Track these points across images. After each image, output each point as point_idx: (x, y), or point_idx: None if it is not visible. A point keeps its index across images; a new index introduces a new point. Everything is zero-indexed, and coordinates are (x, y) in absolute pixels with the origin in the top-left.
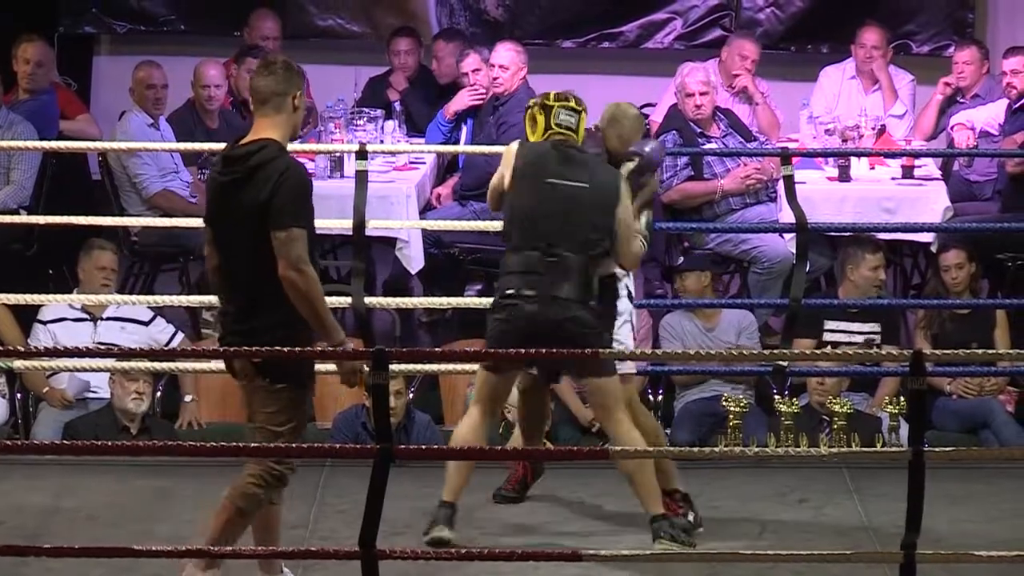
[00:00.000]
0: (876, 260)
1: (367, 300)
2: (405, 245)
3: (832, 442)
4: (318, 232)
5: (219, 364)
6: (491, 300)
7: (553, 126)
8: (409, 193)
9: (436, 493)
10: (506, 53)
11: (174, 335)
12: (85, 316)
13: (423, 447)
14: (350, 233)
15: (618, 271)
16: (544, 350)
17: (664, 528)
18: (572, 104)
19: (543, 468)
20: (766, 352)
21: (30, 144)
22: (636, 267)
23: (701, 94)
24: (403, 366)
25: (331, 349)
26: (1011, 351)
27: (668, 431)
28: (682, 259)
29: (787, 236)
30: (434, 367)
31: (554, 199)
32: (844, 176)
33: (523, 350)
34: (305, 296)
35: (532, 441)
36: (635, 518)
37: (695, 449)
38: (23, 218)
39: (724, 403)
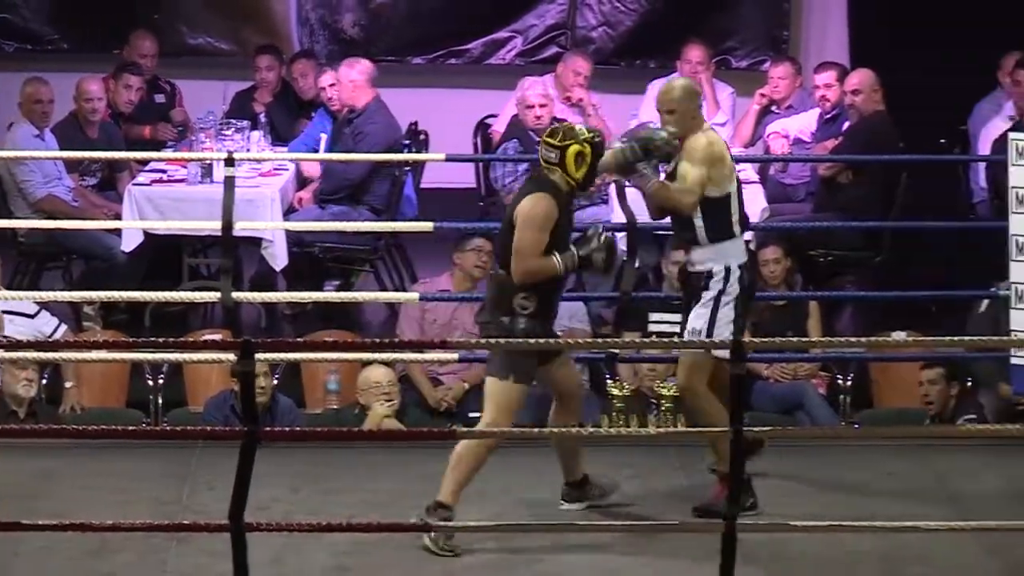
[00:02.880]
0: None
1: (235, 295)
2: (270, 244)
3: (660, 423)
4: (189, 233)
5: (100, 354)
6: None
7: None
8: (273, 197)
9: (299, 471)
10: (355, 70)
11: (57, 327)
12: None
13: (286, 429)
14: (219, 234)
15: (713, 267)
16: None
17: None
18: (550, 140)
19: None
20: (599, 340)
21: None
22: (516, 279)
23: (540, 106)
24: (268, 355)
25: (201, 340)
26: (822, 339)
27: None
28: None
29: (618, 235)
30: (297, 356)
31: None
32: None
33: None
34: None
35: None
36: (480, 493)
37: (535, 430)
38: None
39: None
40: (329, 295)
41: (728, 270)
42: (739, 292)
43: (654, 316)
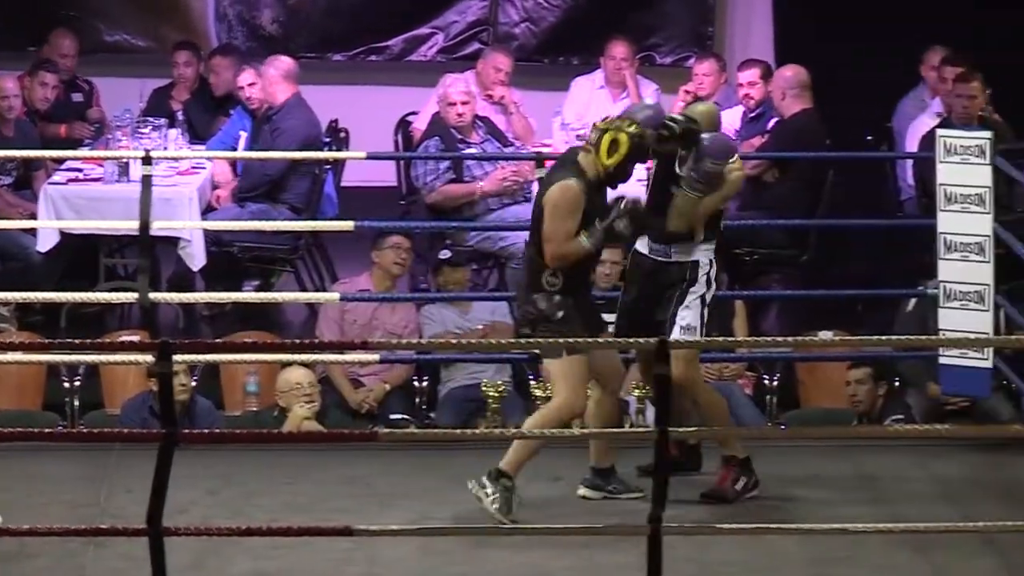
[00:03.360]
0: (614, 256)
1: (152, 296)
2: (188, 244)
3: (583, 424)
4: (106, 233)
5: (15, 355)
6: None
7: None
8: (191, 196)
9: (218, 474)
10: (274, 67)
11: None
12: None
13: (205, 431)
14: (136, 233)
15: (701, 259)
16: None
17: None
18: (599, 124)
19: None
20: (522, 340)
21: None
22: (552, 265)
23: (462, 103)
24: (186, 356)
25: (119, 341)
26: (748, 339)
27: (432, 415)
28: (444, 255)
29: None
30: (215, 357)
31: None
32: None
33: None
34: None
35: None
36: (402, 495)
37: (458, 431)
38: None
39: (484, 388)
40: (248, 295)
41: (711, 263)
42: (715, 288)
43: None
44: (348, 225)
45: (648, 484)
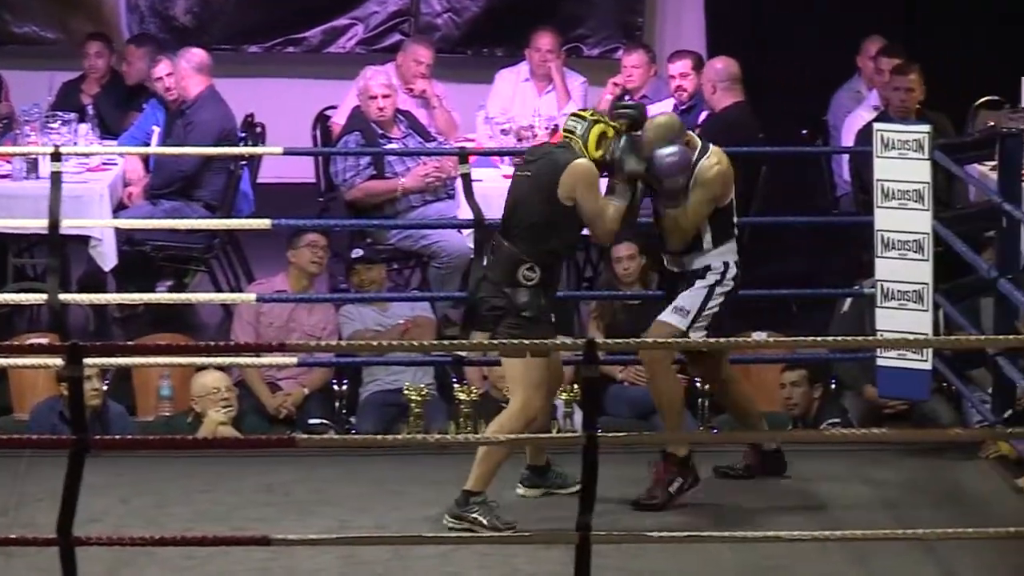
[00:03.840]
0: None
1: (62, 297)
2: (99, 243)
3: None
4: (14, 232)
5: None
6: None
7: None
8: (102, 193)
9: (131, 481)
10: (188, 59)
11: None
12: None
13: (117, 437)
14: (46, 232)
15: (712, 263)
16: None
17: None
18: (582, 113)
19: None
20: (445, 342)
21: None
22: (609, 241)
23: (383, 96)
24: (98, 360)
25: (27, 344)
26: (679, 340)
27: (352, 420)
28: (355, 254)
29: (465, 232)
30: (128, 360)
31: (510, 191)
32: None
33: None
34: None
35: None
36: (322, 503)
37: (379, 437)
38: None
39: (406, 392)
40: (161, 296)
41: (726, 265)
42: (732, 290)
43: None
44: (265, 223)
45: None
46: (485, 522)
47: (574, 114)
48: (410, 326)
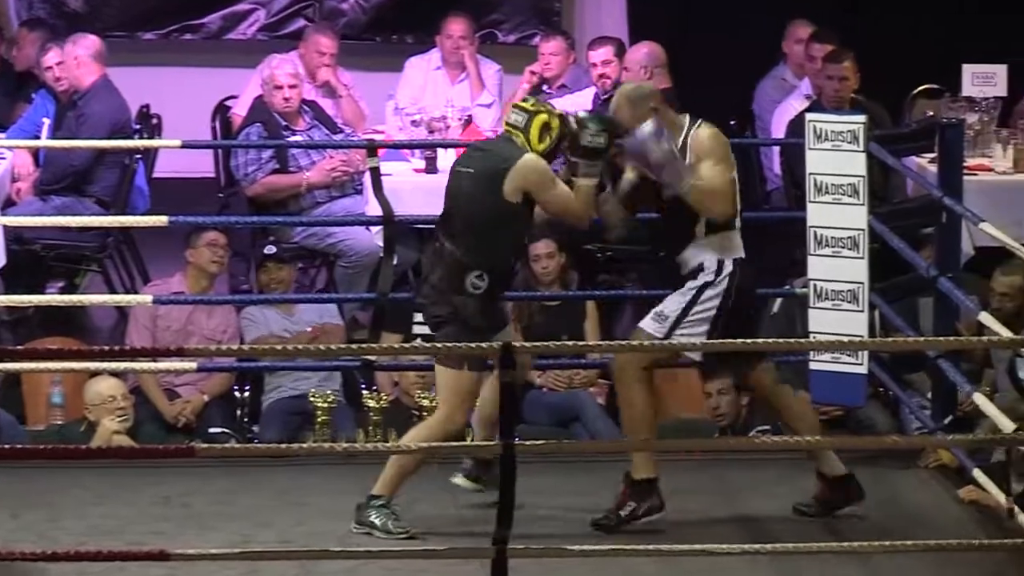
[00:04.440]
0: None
1: None
2: None
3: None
4: None
5: None
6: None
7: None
8: None
9: (20, 493)
10: (80, 46)
11: None
12: None
13: (6, 447)
14: None
15: (705, 260)
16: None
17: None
18: (523, 104)
19: None
20: (354, 346)
21: None
22: (583, 221)
23: (290, 87)
24: None
25: None
26: (600, 343)
27: (255, 428)
28: (268, 251)
29: (374, 229)
30: (16, 366)
31: (449, 188)
32: (431, 168)
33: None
34: None
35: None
36: (223, 516)
37: (283, 446)
38: None
39: (312, 399)
40: (52, 298)
41: (721, 263)
42: (727, 288)
43: (418, 318)
44: (162, 220)
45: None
46: (378, 524)
47: (515, 105)
48: (318, 334)
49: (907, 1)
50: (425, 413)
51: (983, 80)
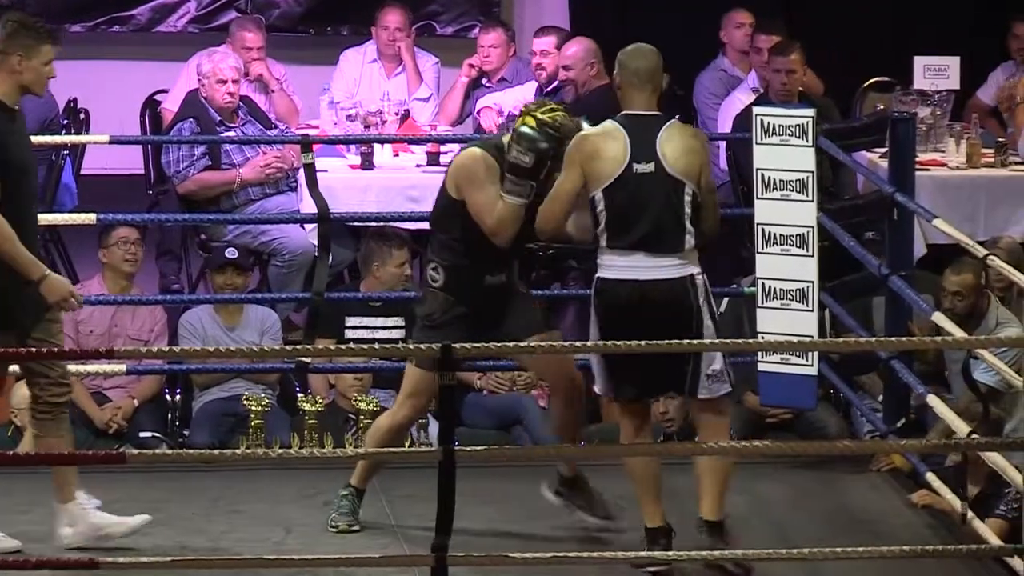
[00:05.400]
0: (403, 256)
1: None
2: None
3: (358, 441)
4: None
5: None
6: None
7: None
8: None
9: None
10: None
11: None
12: None
13: None
14: None
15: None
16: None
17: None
18: (528, 104)
19: None
20: (289, 348)
21: None
22: (504, 243)
23: (234, 81)
24: None
25: None
26: (543, 344)
27: (186, 433)
28: (230, 254)
29: (309, 227)
30: None
31: None
32: (367, 164)
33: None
34: None
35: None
36: (155, 524)
37: (216, 452)
38: None
39: (245, 402)
40: None
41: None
42: (595, 306)
43: (351, 320)
44: (90, 218)
45: None
46: (334, 513)
47: (525, 104)
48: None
49: None
50: (362, 416)
51: (935, 73)
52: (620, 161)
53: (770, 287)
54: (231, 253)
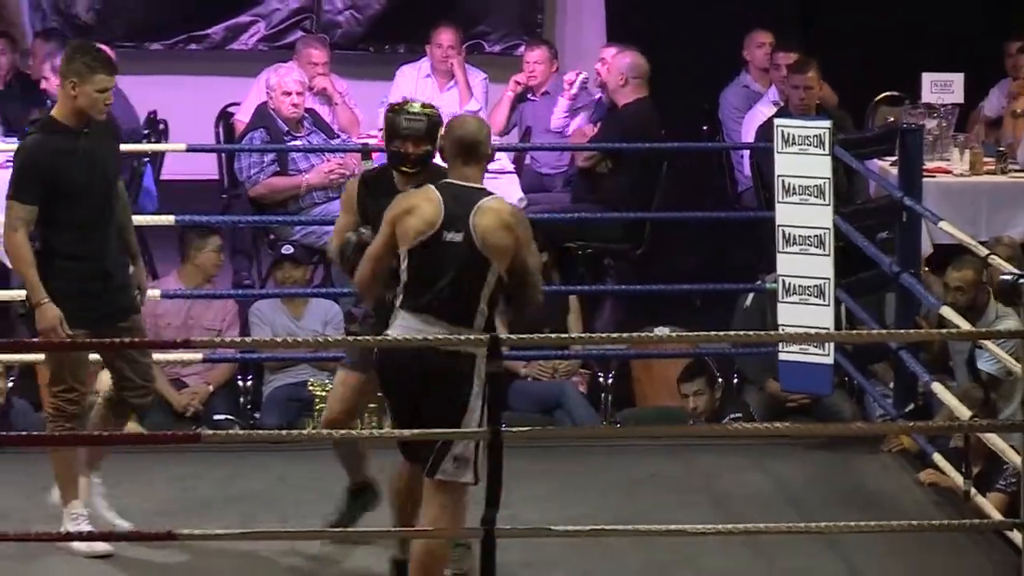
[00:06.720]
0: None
1: None
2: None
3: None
4: None
5: None
6: None
7: None
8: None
9: (36, 476)
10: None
11: None
12: None
13: (23, 434)
14: None
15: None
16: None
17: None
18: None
19: None
20: (350, 339)
21: None
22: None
23: (298, 93)
24: (3, 356)
25: None
26: (582, 335)
27: (257, 415)
28: (286, 251)
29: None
30: (32, 357)
31: None
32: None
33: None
34: (9, 256)
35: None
36: (226, 499)
37: (284, 432)
38: None
39: (310, 387)
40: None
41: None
42: None
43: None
44: (169, 219)
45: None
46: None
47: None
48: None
49: (868, 13)
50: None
51: (941, 88)
52: (432, 224)
53: (790, 283)
54: (287, 250)
